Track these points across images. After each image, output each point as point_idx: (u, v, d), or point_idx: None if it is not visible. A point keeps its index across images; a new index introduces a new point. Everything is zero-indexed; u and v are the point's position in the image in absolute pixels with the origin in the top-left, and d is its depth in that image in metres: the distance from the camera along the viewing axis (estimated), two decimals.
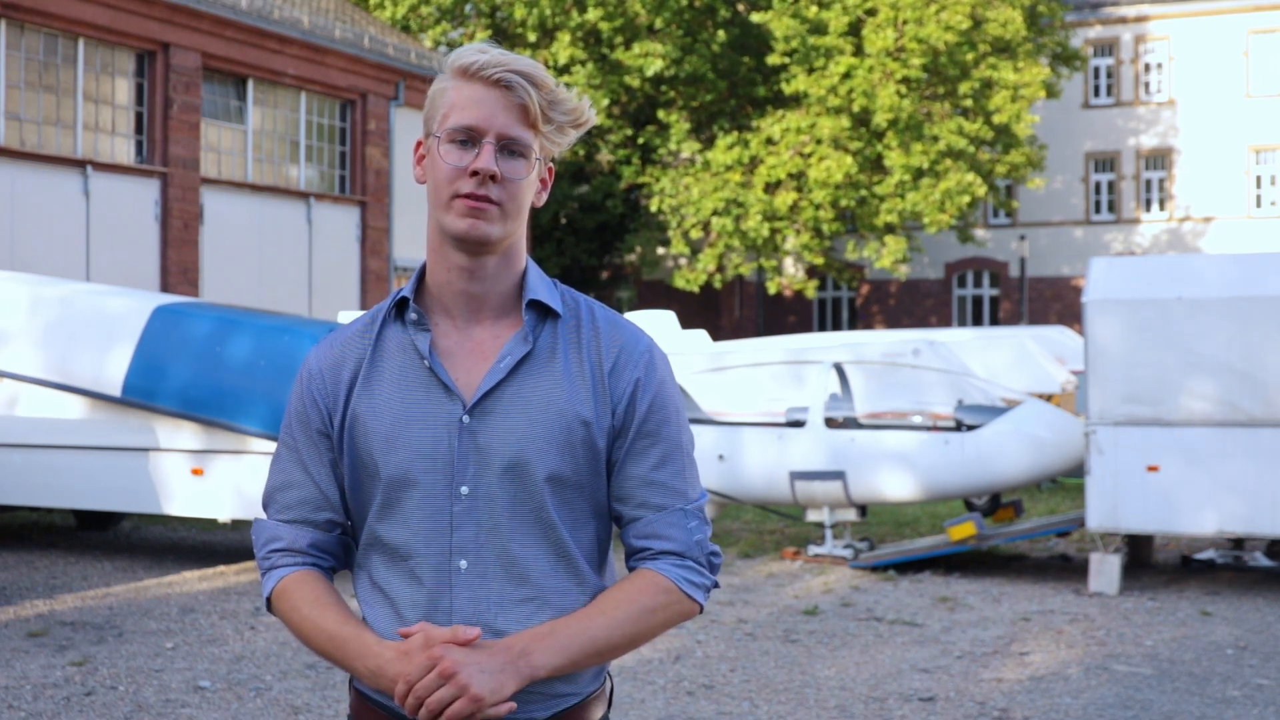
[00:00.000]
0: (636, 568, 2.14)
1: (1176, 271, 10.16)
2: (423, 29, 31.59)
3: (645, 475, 2.13)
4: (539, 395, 2.08)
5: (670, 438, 2.14)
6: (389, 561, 2.10)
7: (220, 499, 10.34)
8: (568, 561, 2.10)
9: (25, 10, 17.81)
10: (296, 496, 2.17)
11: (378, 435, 2.08)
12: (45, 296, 11.19)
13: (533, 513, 2.07)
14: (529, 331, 2.10)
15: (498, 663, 1.96)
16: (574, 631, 2.03)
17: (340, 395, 2.13)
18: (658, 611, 2.09)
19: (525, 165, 2.08)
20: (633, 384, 2.12)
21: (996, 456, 10.54)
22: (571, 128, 2.13)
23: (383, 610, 2.10)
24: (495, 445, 2.06)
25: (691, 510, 2.15)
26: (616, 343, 2.13)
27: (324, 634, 2.08)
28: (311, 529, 2.16)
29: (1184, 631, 8.50)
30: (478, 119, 2.05)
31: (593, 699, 2.15)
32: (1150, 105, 38.34)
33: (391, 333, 2.14)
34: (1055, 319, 36.34)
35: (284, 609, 2.14)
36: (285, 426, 2.19)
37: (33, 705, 6.55)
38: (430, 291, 2.14)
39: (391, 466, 2.07)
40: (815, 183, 29.86)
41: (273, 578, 2.16)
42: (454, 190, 2.05)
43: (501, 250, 2.10)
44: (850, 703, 6.77)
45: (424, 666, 1.95)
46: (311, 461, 2.16)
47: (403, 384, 2.10)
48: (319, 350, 2.19)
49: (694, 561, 2.14)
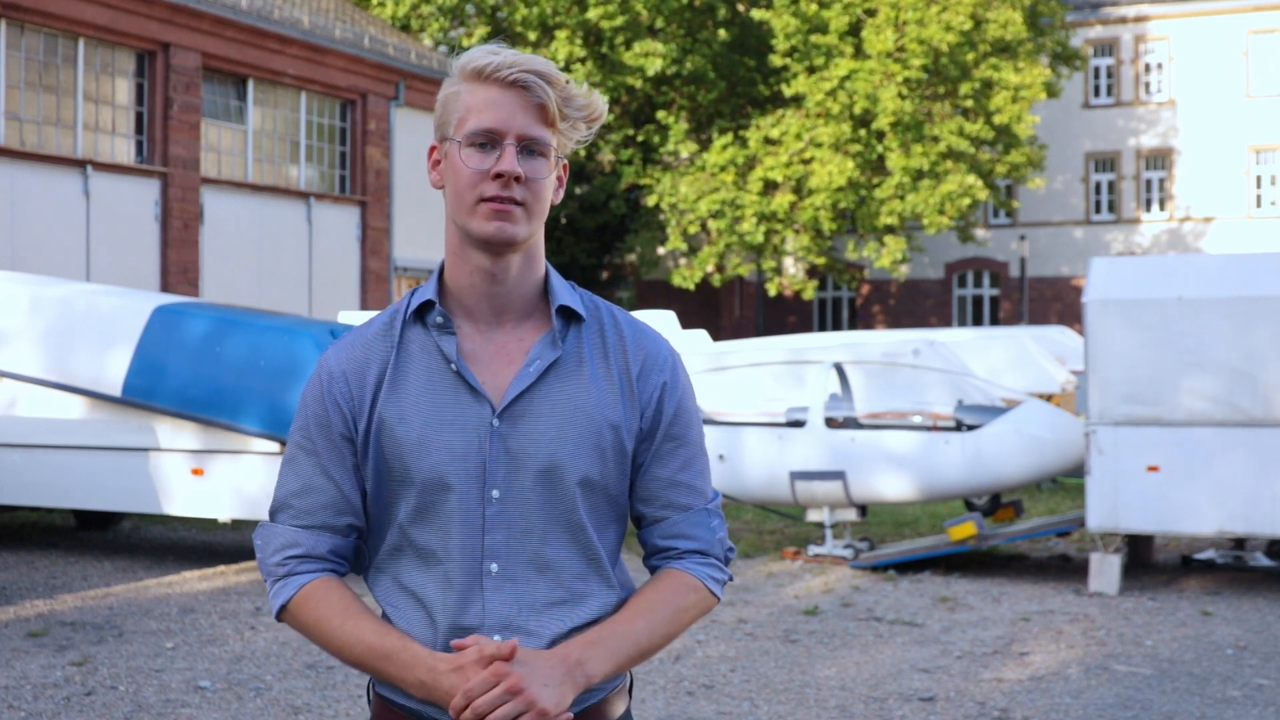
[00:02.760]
0: (661, 566, 2.19)
1: (1176, 271, 10.16)
2: (424, 28, 31.59)
3: (671, 477, 2.16)
4: (568, 400, 2.08)
5: (694, 440, 2.19)
6: (420, 565, 2.10)
7: (220, 499, 10.34)
8: (595, 563, 2.12)
9: (25, 10, 17.81)
10: (318, 501, 2.14)
11: (408, 439, 2.07)
12: (45, 296, 11.19)
13: (563, 516, 2.08)
14: (558, 336, 2.10)
15: (558, 675, 1.99)
16: (621, 636, 2.07)
17: (366, 399, 2.11)
18: (689, 610, 2.15)
19: (546, 164, 2.08)
20: (660, 388, 2.15)
21: (996, 456, 10.54)
22: (585, 124, 2.12)
23: (413, 614, 2.09)
24: (528, 449, 2.06)
25: (713, 509, 2.20)
26: (642, 347, 2.16)
27: (362, 644, 2.06)
28: (332, 534, 2.15)
29: (1184, 631, 8.49)
30: (497, 121, 2.05)
31: (616, 693, 2.17)
32: (1150, 105, 38.34)
33: (414, 335, 2.13)
34: (1055, 319, 36.35)
35: (307, 619, 2.11)
36: (302, 429, 2.16)
37: (33, 705, 6.55)
38: (451, 294, 2.13)
39: (425, 470, 2.06)
40: (816, 188, 29.85)
41: (291, 585, 2.13)
42: (478, 194, 2.05)
43: (524, 251, 2.10)
44: (850, 703, 6.77)
45: (487, 682, 1.95)
46: (333, 465, 2.13)
47: (430, 388, 2.09)
48: (338, 352, 2.16)
49: (716, 559, 2.20)
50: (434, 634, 2.07)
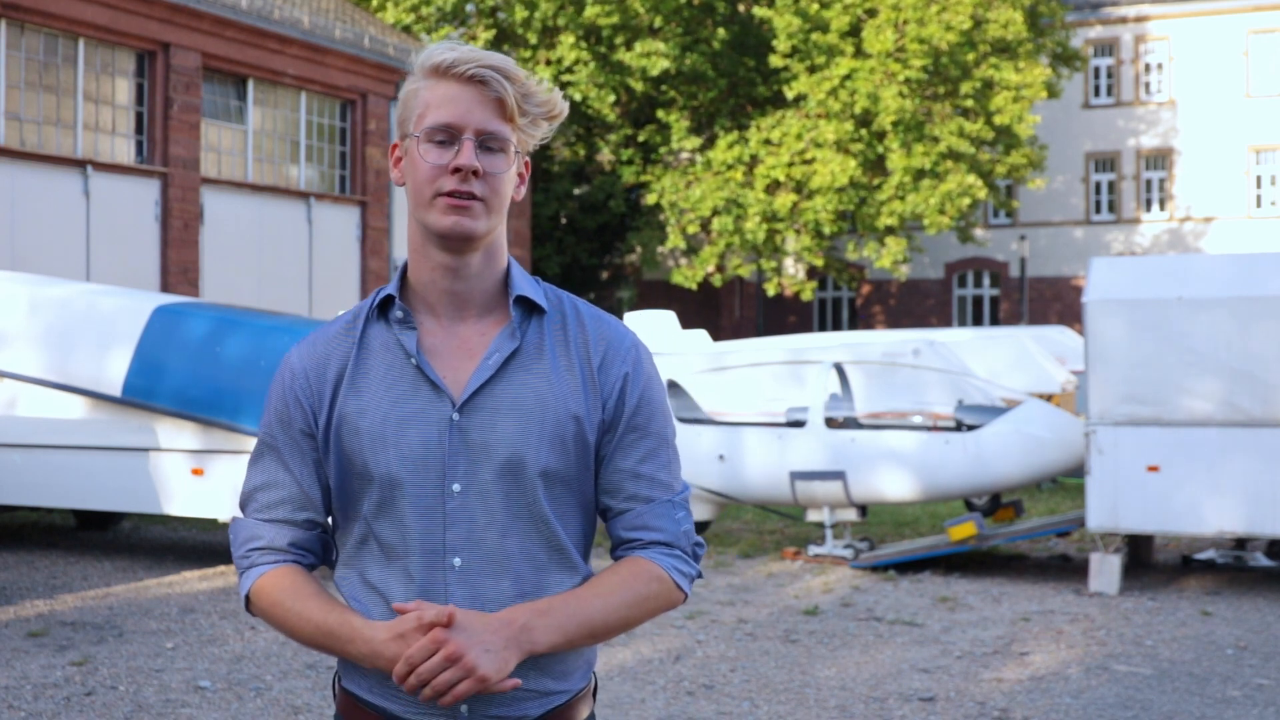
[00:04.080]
0: (625, 556, 2.16)
1: (1177, 271, 10.16)
2: (427, 30, 31.58)
3: (633, 468, 2.15)
4: (529, 391, 2.09)
5: (657, 432, 2.17)
6: (383, 560, 2.10)
7: (220, 499, 10.33)
8: (561, 555, 2.11)
9: (25, 10, 17.81)
10: (277, 496, 2.16)
11: (367, 435, 2.08)
12: (45, 297, 11.19)
13: (526, 508, 2.08)
14: (516, 328, 2.11)
15: (500, 640, 1.97)
16: (571, 610, 2.05)
17: (326, 395, 2.13)
18: (650, 599, 2.12)
19: (505, 160, 2.08)
20: (621, 379, 2.14)
21: (996, 456, 10.54)
22: (544, 120, 2.13)
23: (376, 609, 2.09)
24: (488, 442, 2.06)
25: (678, 502, 2.18)
26: (604, 338, 2.15)
27: (310, 624, 2.07)
28: (292, 528, 2.16)
29: (1184, 631, 8.49)
30: (455, 116, 2.06)
31: (581, 697, 2.17)
32: (1150, 105, 38.34)
33: (376, 331, 2.14)
34: (1055, 319, 36.35)
35: (264, 605, 2.13)
36: (266, 425, 2.18)
37: (33, 705, 6.55)
38: (414, 290, 2.15)
39: (383, 466, 2.07)
40: (818, 188, 29.85)
41: (251, 575, 2.15)
42: (436, 189, 2.06)
43: (484, 246, 2.11)
44: (850, 703, 6.77)
45: (427, 649, 1.95)
46: (293, 461, 2.15)
47: (390, 383, 2.10)
48: (300, 350, 2.18)
49: (682, 551, 2.17)
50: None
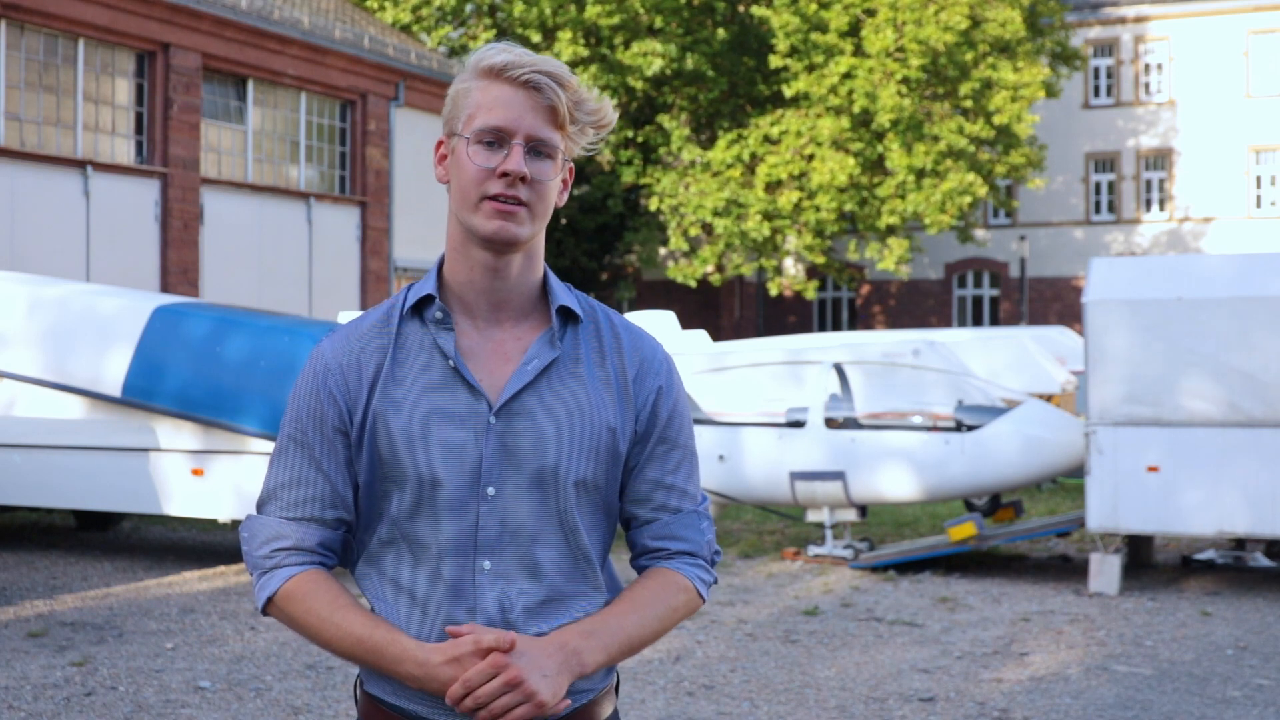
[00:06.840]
0: (650, 566, 2.20)
1: (1177, 272, 10.16)
2: (427, 30, 31.57)
3: (662, 479, 2.18)
4: (566, 400, 2.09)
5: (685, 444, 2.21)
6: (412, 560, 2.09)
7: (220, 499, 10.34)
8: (585, 564, 2.12)
9: (25, 10, 17.81)
10: (306, 494, 2.12)
11: (403, 435, 2.06)
12: (45, 297, 11.19)
13: (556, 516, 2.09)
14: (556, 336, 2.11)
15: (554, 664, 2.00)
16: (613, 629, 2.08)
17: (362, 392, 2.10)
18: (678, 610, 2.17)
19: (553, 167, 2.07)
20: (655, 392, 2.16)
21: (996, 456, 10.53)
22: (594, 129, 2.12)
23: (403, 609, 2.08)
24: (524, 448, 2.06)
25: (702, 512, 2.23)
26: (639, 351, 2.17)
27: (351, 637, 2.05)
28: (320, 527, 2.12)
29: (1184, 631, 8.49)
30: (506, 120, 2.04)
31: (605, 693, 2.18)
32: (1150, 105, 38.33)
33: (411, 330, 2.12)
34: (1055, 319, 36.34)
35: (295, 610, 2.10)
36: (294, 421, 2.14)
37: (33, 705, 6.54)
38: (450, 289, 2.13)
39: (420, 466, 2.05)
40: (819, 186, 29.85)
41: (277, 577, 2.11)
42: (483, 192, 2.05)
43: (525, 251, 2.10)
44: (850, 703, 6.77)
45: (486, 673, 1.96)
46: (325, 459, 2.12)
47: (427, 383, 2.08)
48: (334, 345, 2.14)
49: (704, 560, 2.22)
50: (426, 629, 2.06)
